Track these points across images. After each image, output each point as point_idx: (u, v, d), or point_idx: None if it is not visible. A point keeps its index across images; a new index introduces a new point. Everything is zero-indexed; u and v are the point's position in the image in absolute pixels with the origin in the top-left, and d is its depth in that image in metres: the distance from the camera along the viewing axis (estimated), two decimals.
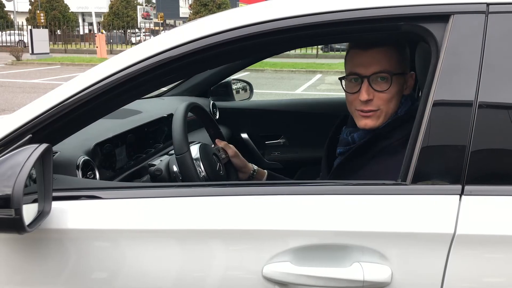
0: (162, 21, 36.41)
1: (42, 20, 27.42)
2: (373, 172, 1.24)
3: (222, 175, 1.48)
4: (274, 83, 12.46)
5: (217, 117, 2.63)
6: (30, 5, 37.77)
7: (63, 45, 26.15)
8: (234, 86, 2.88)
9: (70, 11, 38.14)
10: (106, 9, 40.40)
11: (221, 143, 1.63)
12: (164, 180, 1.47)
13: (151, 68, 1.08)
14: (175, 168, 1.45)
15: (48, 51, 20.03)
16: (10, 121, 1.10)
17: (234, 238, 1.00)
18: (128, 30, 30.30)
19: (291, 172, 2.52)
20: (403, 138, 1.21)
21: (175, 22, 38.75)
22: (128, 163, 1.73)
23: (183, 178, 1.37)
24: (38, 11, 30.22)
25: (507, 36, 0.97)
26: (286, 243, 0.97)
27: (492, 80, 0.96)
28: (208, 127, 1.72)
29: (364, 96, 1.26)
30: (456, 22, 0.98)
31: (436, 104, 0.97)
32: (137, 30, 32.98)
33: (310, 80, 13.28)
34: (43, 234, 1.04)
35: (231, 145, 1.63)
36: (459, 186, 0.95)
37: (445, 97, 0.97)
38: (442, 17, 1.00)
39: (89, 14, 45.09)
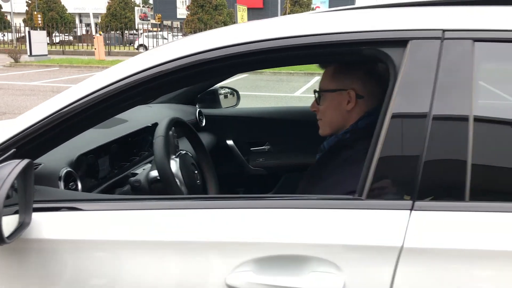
0: (159, 22, 36.45)
1: (40, 22, 27.42)
2: (339, 181, 1.30)
3: (198, 184, 1.56)
4: (273, 86, 12.49)
5: (203, 124, 2.68)
6: (27, 6, 37.74)
7: (61, 47, 26.16)
8: (221, 93, 2.93)
9: (67, 12, 38.14)
10: (103, 10, 40.43)
11: None
12: (143, 190, 1.54)
13: (136, 85, 1.13)
14: (153, 174, 1.53)
15: (47, 53, 19.97)
16: None
17: (199, 249, 1.06)
18: (126, 31, 30.33)
19: (275, 179, 2.59)
20: (365, 150, 1.27)
21: (172, 23, 38.79)
22: (111, 172, 1.78)
23: (166, 192, 1.45)
24: (35, 12, 30.23)
25: (460, 60, 1.01)
26: (248, 254, 1.03)
27: (444, 98, 1.00)
28: (190, 140, 1.81)
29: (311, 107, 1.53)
30: (412, 47, 1.03)
31: (392, 121, 1.01)
32: (135, 31, 33.03)
33: (308, 82, 13.32)
34: (23, 244, 1.09)
35: None
36: (410, 202, 0.99)
37: (401, 112, 1.02)
38: (400, 42, 1.05)
39: (87, 15, 45.07)
